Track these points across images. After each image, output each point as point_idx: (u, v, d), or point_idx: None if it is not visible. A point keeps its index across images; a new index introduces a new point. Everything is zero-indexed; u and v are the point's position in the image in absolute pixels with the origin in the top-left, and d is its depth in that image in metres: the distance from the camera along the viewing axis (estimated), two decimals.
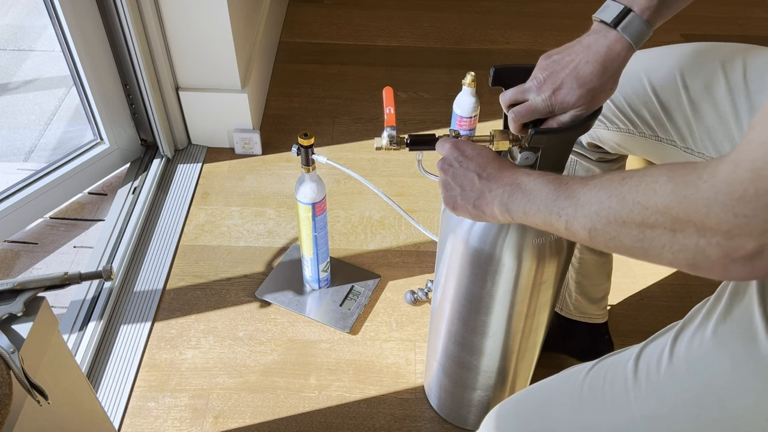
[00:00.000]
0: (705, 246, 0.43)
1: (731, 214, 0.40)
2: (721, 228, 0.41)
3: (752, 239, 0.40)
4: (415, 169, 1.70)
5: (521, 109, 0.73)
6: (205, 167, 1.70)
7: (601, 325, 1.22)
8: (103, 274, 0.78)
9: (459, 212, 0.71)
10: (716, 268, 0.43)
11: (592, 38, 0.71)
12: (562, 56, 0.72)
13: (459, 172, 0.69)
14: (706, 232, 0.42)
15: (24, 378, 0.66)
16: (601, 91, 0.71)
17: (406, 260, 1.48)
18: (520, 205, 0.62)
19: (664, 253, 0.46)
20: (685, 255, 0.44)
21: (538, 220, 0.60)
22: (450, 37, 2.21)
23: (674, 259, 0.46)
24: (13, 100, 1.99)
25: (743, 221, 0.40)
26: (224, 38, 1.54)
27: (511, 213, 0.63)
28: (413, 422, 1.20)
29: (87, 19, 1.40)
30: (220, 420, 1.19)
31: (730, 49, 0.83)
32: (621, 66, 0.71)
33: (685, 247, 0.44)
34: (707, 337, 0.53)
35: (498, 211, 0.65)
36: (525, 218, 0.62)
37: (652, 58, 0.89)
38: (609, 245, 0.52)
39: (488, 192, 0.66)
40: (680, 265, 0.46)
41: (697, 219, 0.42)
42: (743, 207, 0.39)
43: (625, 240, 0.49)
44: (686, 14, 0.95)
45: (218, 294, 1.40)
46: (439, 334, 1.03)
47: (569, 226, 0.55)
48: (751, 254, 0.40)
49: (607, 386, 0.62)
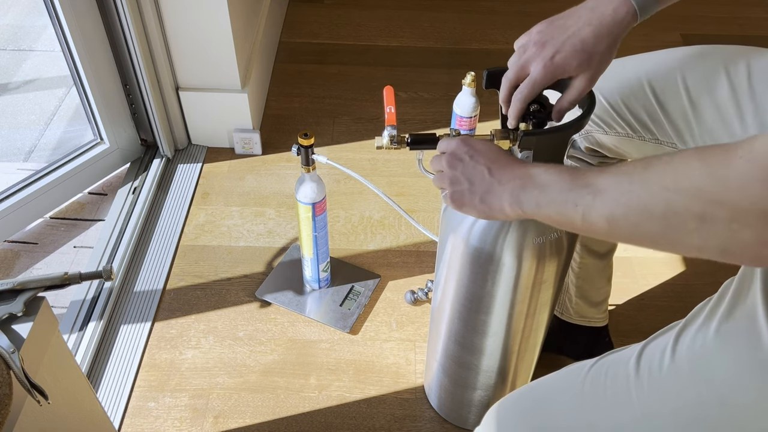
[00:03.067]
0: (738, 230, 0.41)
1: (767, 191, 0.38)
2: (756, 207, 0.39)
3: None
4: (415, 169, 1.70)
5: (522, 89, 0.71)
6: (205, 167, 1.70)
7: (602, 328, 1.22)
8: (103, 274, 0.78)
9: (465, 209, 0.68)
10: (748, 253, 0.41)
11: (597, 1, 0.70)
12: (564, 20, 0.70)
13: (469, 165, 0.66)
14: (739, 214, 0.40)
15: (24, 378, 0.66)
16: (602, 59, 0.69)
17: (406, 260, 1.48)
18: (532, 196, 0.59)
19: (692, 240, 0.44)
20: (716, 241, 0.42)
21: (551, 211, 0.57)
22: (450, 37, 2.21)
23: (703, 245, 0.44)
24: (13, 100, 1.99)
25: None
26: (224, 38, 1.54)
27: (522, 205, 0.60)
28: (413, 422, 1.20)
29: (87, 19, 1.40)
30: (220, 420, 1.19)
31: (732, 51, 0.82)
32: (623, 32, 0.69)
33: (716, 233, 0.42)
34: (710, 336, 0.53)
35: (507, 204, 0.62)
36: (537, 211, 0.59)
37: (651, 61, 0.89)
38: (631, 234, 0.49)
39: (498, 185, 0.63)
40: (709, 252, 0.44)
41: (731, 199, 0.41)
42: None
43: (650, 227, 0.47)
44: (686, 14, 0.95)
45: (218, 294, 1.40)
46: (439, 334, 1.03)
47: (586, 216, 0.52)
48: None
49: (609, 383, 0.62)
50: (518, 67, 0.73)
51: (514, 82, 0.74)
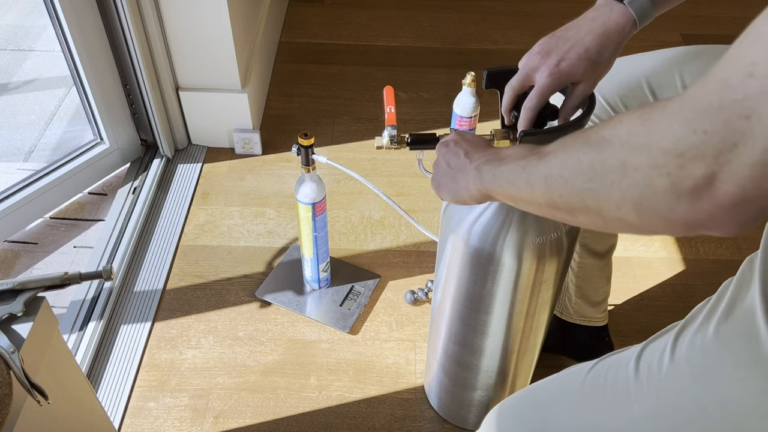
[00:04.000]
0: (654, 177, 0.40)
1: (690, 130, 0.38)
2: (676, 149, 0.38)
3: (704, 163, 0.37)
4: (415, 169, 1.70)
5: (532, 99, 0.73)
6: (205, 167, 1.70)
7: (602, 328, 1.22)
8: (103, 274, 0.78)
9: (441, 191, 0.70)
10: (661, 206, 0.40)
11: (597, 12, 0.72)
12: (565, 31, 0.72)
13: (451, 150, 0.69)
14: (658, 157, 0.39)
15: (24, 378, 0.66)
16: (604, 66, 0.71)
17: (406, 260, 1.48)
18: (491, 168, 0.60)
19: (614, 193, 0.43)
20: (633, 192, 0.41)
21: (503, 181, 0.57)
22: (450, 37, 2.21)
23: (621, 200, 0.42)
24: (13, 100, 1.99)
25: (701, 138, 0.37)
26: (224, 38, 1.54)
27: (482, 179, 0.61)
28: (413, 422, 1.20)
29: (87, 19, 1.40)
30: (220, 420, 1.19)
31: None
32: (623, 40, 0.71)
33: (635, 182, 0.41)
34: (709, 337, 0.53)
35: (471, 180, 0.63)
36: (493, 182, 0.59)
37: (650, 61, 0.89)
38: (563, 194, 0.48)
39: (468, 164, 0.64)
40: (627, 209, 0.43)
41: (655, 141, 0.40)
42: (704, 121, 0.37)
43: (577, 182, 0.46)
44: (686, 14, 0.95)
45: (218, 294, 1.40)
46: (439, 334, 1.03)
47: (530, 178, 0.52)
48: (699, 185, 0.38)
49: (608, 385, 0.62)
50: (522, 76, 0.74)
51: (518, 91, 0.75)
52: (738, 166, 0.36)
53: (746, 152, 0.35)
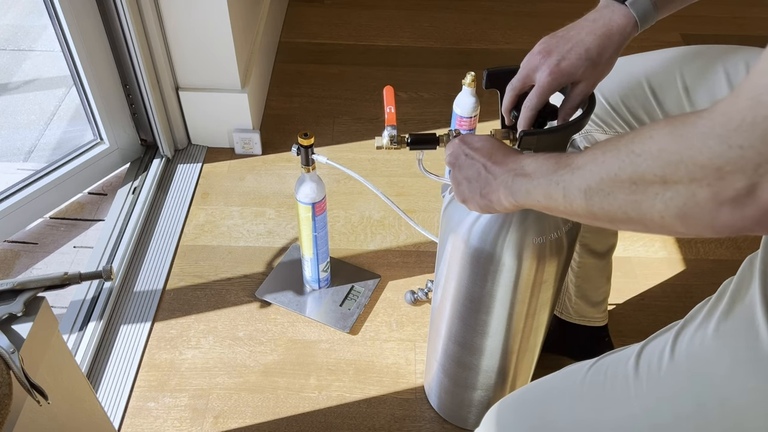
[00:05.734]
0: (695, 189, 0.41)
1: (726, 146, 0.39)
2: (713, 164, 0.40)
3: (744, 176, 0.38)
4: (415, 169, 1.70)
5: (532, 98, 0.73)
6: (205, 167, 1.70)
7: (602, 328, 1.22)
8: (103, 274, 0.78)
9: (469, 205, 0.70)
10: (705, 214, 0.41)
11: (599, 13, 0.72)
12: (567, 32, 0.73)
13: (466, 164, 0.69)
14: (697, 172, 0.41)
15: (24, 378, 0.66)
16: (604, 67, 0.72)
17: (406, 260, 1.48)
18: (522, 185, 0.60)
19: (657, 204, 0.44)
20: (676, 203, 0.43)
21: (539, 196, 0.58)
22: (450, 37, 2.21)
23: (665, 210, 0.44)
24: (13, 100, 1.99)
25: (737, 153, 0.38)
26: (224, 38, 1.54)
27: (515, 196, 0.62)
28: (413, 422, 1.20)
29: (87, 19, 1.40)
30: (220, 420, 1.19)
31: (730, 50, 0.83)
32: (624, 42, 0.72)
33: (677, 194, 0.43)
34: (709, 335, 0.53)
35: (504, 197, 0.63)
36: (528, 198, 0.60)
37: (650, 61, 0.89)
38: (604, 207, 0.49)
39: (494, 180, 0.65)
40: (672, 219, 0.44)
41: (690, 156, 0.41)
42: (738, 137, 0.38)
43: (619, 195, 0.47)
44: (686, 14, 0.95)
45: (218, 294, 1.40)
46: (439, 334, 1.03)
47: (567, 193, 0.53)
48: (740, 195, 0.39)
49: (608, 383, 0.62)
50: (523, 76, 0.74)
51: (519, 91, 0.75)
52: None
53: None
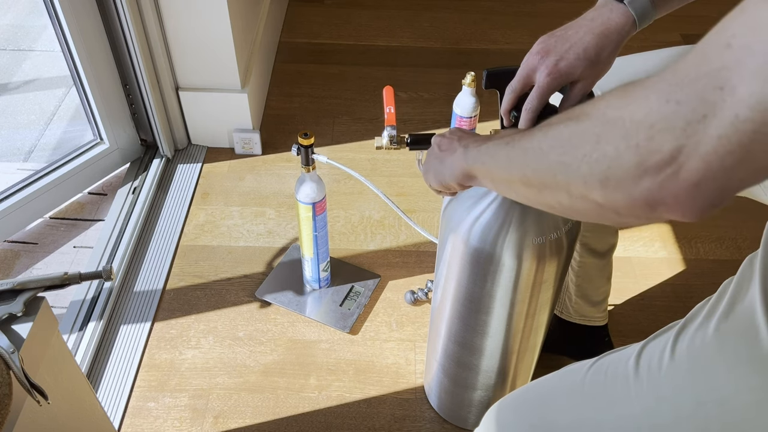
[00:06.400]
0: (623, 150, 0.40)
1: (664, 100, 0.38)
2: (647, 119, 0.38)
3: (672, 135, 0.37)
4: (415, 169, 1.70)
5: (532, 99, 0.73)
6: (205, 167, 1.70)
7: (602, 327, 1.22)
8: (103, 274, 0.78)
9: (428, 175, 0.71)
10: (626, 180, 0.40)
11: (597, 12, 0.72)
12: (565, 31, 0.73)
13: (445, 138, 0.71)
14: (630, 131, 0.40)
15: (24, 378, 0.66)
16: (603, 66, 0.72)
17: (406, 260, 1.48)
18: (478, 145, 0.61)
19: (582, 167, 0.43)
20: (601, 165, 0.42)
21: (486, 156, 0.58)
22: (450, 37, 2.21)
23: (589, 174, 0.43)
24: (13, 100, 1.99)
25: (672, 109, 0.37)
26: (224, 38, 1.54)
27: (466, 158, 0.62)
28: (413, 422, 1.20)
29: (87, 19, 1.40)
30: (220, 420, 1.19)
31: None
32: (622, 40, 0.72)
33: (603, 154, 0.41)
34: (709, 335, 0.53)
35: (457, 159, 0.64)
36: (476, 158, 0.60)
37: (652, 60, 0.89)
38: (538, 168, 0.49)
39: (458, 144, 0.66)
40: (593, 184, 0.43)
41: (630, 112, 0.40)
42: (678, 91, 0.37)
43: (552, 154, 0.47)
44: (686, 14, 0.95)
45: (218, 294, 1.40)
46: (439, 334, 1.03)
47: (510, 152, 0.53)
48: (665, 159, 0.38)
49: (608, 382, 0.62)
50: (522, 77, 0.74)
51: (519, 92, 0.75)
52: (704, 139, 0.36)
53: (714, 124, 0.35)
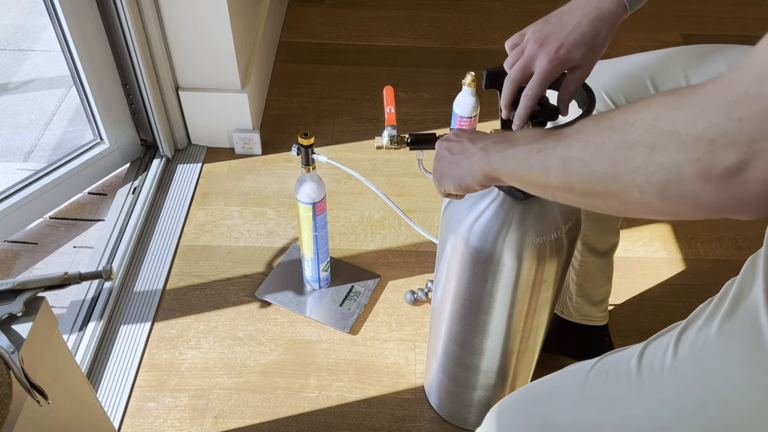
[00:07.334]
0: (682, 162, 0.39)
1: (725, 117, 0.37)
2: (707, 135, 0.38)
3: (737, 151, 0.37)
4: (415, 169, 1.70)
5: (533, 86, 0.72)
6: (205, 167, 1.70)
7: (602, 327, 1.22)
8: (103, 274, 0.78)
9: (443, 181, 0.69)
10: (689, 191, 0.39)
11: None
12: (559, 17, 0.73)
13: (452, 141, 0.69)
14: (688, 142, 0.39)
15: (24, 378, 0.66)
16: (600, 50, 0.72)
17: (406, 260, 1.48)
18: (500, 148, 0.58)
19: (637, 178, 0.42)
20: (659, 177, 0.41)
21: (514, 162, 0.55)
22: (450, 37, 2.21)
23: (647, 185, 0.42)
24: (13, 100, 1.99)
25: (735, 126, 0.37)
26: (224, 38, 1.54)
27: (489, 161, 0.59)
28: (413, 422, 1.20)
29: (87, 19, 1.40)
30: (220, 420, 1.19)
31: (734, 50, 0.83)
32: (615, 24, 0.72)
33: (661, 166, 0.40)
34: (712, 335, 0.53)
35: (477, 162, 0.61)
36: (502, 164, 0.57)
37: (654, 60, 0.89)
38: (583, 177, 0.47)
39: (473, 147, 0.63)
40: (651, 195, 0.42)
41: (685, 126, 0.39)
42: (739, 109, 0.37)
43: (600, 166, 0.45)
44: (686, 14, 0.95)
45: (218, 294, 1.40)
46: (439, 334, 1.03)
47: (545, 161, 0.50)
48: (730, 172, 0.37)
49: (610, 382, 0.62)
50: (521, 67, 0.74)
51: (518, 83, 0.75)
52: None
53: None
